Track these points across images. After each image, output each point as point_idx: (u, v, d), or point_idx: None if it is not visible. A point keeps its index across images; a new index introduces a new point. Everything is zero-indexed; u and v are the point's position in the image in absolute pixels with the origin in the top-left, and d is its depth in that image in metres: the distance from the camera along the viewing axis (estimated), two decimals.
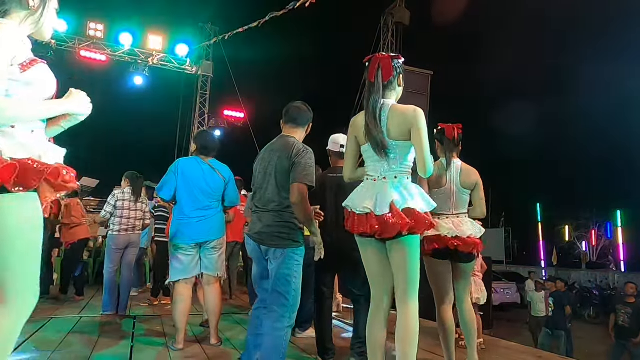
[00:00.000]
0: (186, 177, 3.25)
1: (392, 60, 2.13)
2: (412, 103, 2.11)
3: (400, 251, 2.04)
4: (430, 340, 3.38)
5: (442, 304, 2.74)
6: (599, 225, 30.76)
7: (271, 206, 2.37)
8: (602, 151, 31.74)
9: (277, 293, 2.31)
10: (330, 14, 31.79)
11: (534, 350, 4.10)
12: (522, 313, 7.53)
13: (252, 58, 16.96)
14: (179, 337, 3.25)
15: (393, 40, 12.89)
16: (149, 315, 4.70)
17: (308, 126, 2.59)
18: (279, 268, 2.31)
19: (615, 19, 32.17)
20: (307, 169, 2.32)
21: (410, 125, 2.02)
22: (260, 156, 2.55)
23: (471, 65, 37.95)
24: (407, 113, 2.05)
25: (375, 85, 2.10)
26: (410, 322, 1.98)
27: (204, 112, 13.83)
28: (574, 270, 23.66)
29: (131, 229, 4.68)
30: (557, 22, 40.55)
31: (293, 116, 2.53)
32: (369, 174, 2.12)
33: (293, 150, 2.36)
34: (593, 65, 33.34)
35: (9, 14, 1.46)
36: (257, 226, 2.42)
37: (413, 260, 2.04)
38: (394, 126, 2.04)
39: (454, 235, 2.65)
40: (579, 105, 32.88)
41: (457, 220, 2.73)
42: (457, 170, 2.78)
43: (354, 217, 2.08)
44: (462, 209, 2.79)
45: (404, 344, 1.97)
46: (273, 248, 2.33)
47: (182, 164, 3.34)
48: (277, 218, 2.34)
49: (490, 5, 27.40)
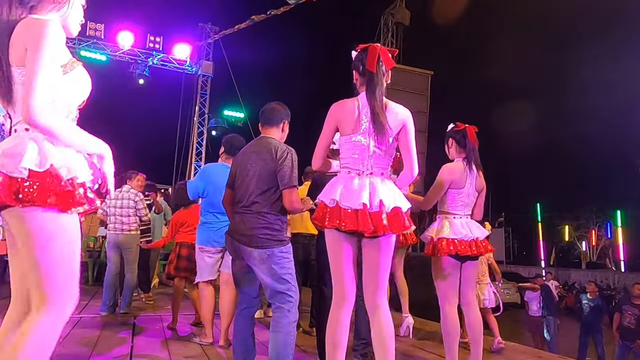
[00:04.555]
0: (214, 184, 3.32)
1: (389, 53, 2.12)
2: (412, 103, 2.13)
3: (377, 250, 2.01)
4: (435, 341, 3.38)
5: (447, 305, 2.73)
6: (599, 225, 30.75)
7: (253, 207, 2.38)
8: (602, 151, 31.77)
9: (278, 293, 2.33)
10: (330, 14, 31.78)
11: (534, 350, 4.10)
12: (522, 313, 7.55)
13: (252, 58, 16.99)
14: (208, 332, 3.43)
15: (393, 40, 12.91)
16: (149, 315, 4.70)
17: (283, 124, 2.57)
18: (272, 270, 2.31)
19: (615, 19, 32.17)
20: (293, 171, 2.36)
21: (402, 125, 2.02)
22: (241, 157, 2.54)
23: (471, 65, 37.96)
24: (400, 113, 2.04)
25: (377, 75, 2.03)
26: (386, 327, 1.97)
27: (204, 112, 13.83)
28: (574, 270, 23.67)
29: (119, 229, 4.57)
30: (558, 21, 40.56)
31: (267, 116, 2.56)
32: (350, 167, 2.02)
33: (277, 153, 2.36)
34: (593, 65, 33.32)
35: (35, 9, 1.42)
36: (239, 227, 2.40)
37: (388, 260, 2.04)
38: (389, 122, 2.00)
39: (470, 239, 2.67)
40: (579, 105, 32.89)
41: (469, 222, 2.76)
42: (475, 173, 2.80)
43: (339, 212, 1.94)
44: (469, 211, 2.83)
45: (383, 352, 1.95)
46: (259, 249, 2.32)
47: (210, 170, 3.49)
48: (262, 220, 2.35)
49: (490, 5, 27.41)
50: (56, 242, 1.34)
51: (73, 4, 1.51)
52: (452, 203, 2.78)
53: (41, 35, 1.29)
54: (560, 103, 36.91)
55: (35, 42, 1.29)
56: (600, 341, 6.41)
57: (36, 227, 1.31)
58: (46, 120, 1.27)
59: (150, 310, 5.06)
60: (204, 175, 3.47)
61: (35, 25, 1.32)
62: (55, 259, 1.34)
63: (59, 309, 1.35)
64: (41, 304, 1.33)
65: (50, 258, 1.34)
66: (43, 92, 1.27)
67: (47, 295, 1.33)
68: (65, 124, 1.37)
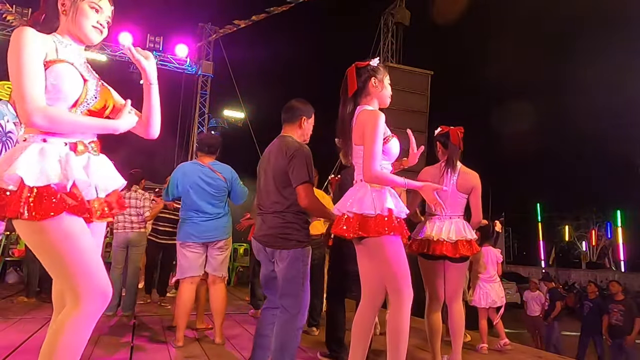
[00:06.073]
0: (188, 183, 3.34)
1: (356, 70, 2.14)
2: (412, 103, 2.17)
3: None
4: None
5: (430, 304, 2.86)
6: (599, 225, 30.76)
7: (274, 207, 2.37)
8: (602, 151, 31.77)
9: (286, 295, 2.30)
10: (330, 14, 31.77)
11: (534, 350, 4.11)
12: (522, 313, 7.56)
13: (252, 58, 16.98)
14: (179, 335, 3.29)
15: (393, 40, 12.89)
16: (149, 315, 4.70)
17: (301, 120, 2.51)
18: (287, 270, 2.30)
19: (615, 19, 32.16)
20: (305, 167, 2.32)
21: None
22: (262, 158, 2.58)
23: (471, 65, 37.95)
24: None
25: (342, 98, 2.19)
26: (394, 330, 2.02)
27: (204, 112, 13.83)
28: (574, 270, 23.67)
29: (129, 227, 4.60)
30: (558, 21, 40.53)
31: (286, 115, 2.56)
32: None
33: (288, 150, 2.36)
34: (593, 65, 33.32)
35: (47, 20, 1.50)
36: (262, 228, 2.42)
37: None
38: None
39: (437, 239, 2.73)
40: (579, 105, 32.88)
41: (447, 223, 2.77)
42: (455, 173, 2.81)
43: (400, 222, 2.09)
44: (458, 211, 2.82)
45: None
46: (279, 250, 2.32)
47: (184, 169, 3.47)
48: (280, 219, 2.34)
49: (490, 5, 27.40)
50: (44, 248, 1.39)
51: (77, 10, 1.51)
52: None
53: (15, 46, 1.36)
54: (560, 103, 36.94)
55: (12, 52, 1.37)
56: (600, 341, 6.41)
57: (25, 237, 1.41)
58: (42, 119, 1.35)
59: (150, 311, 5.06)
60: (177, 175, 3.43)
61: (12, 37, 1.39)
62: (52, 262, 1.41)
63: (85, 306, 1.38)
64: (68, 305, 1.41)
65: (48, 263, 1.42)
66: (31, 95, 1.34)
67: (75, 294, 1.39)
68: (62, 114, 1.42)
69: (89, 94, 1.50)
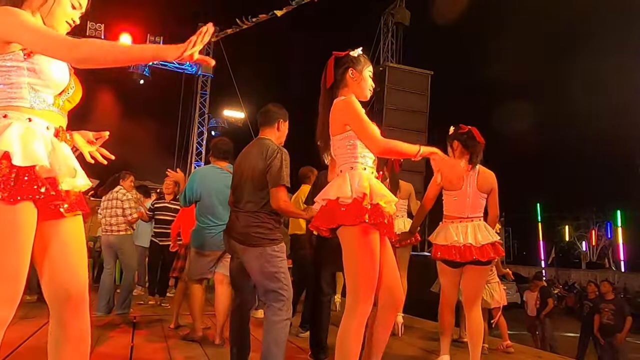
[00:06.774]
0: (206, 187, 3.34)
1: (335, 61, 2.04)
2: (412, 103, 2.13)
3: None
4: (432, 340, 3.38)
5: (441, 304, 2.84)
6: (599, 225, 30.76)
7: (248, 206, 2.43)
8: (602, 151, 31.78)
9: (270, 292, 2.36)
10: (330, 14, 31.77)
11: (534, 350, 4.10)
12: (522, 313, 7.55)
13: (252, 58, 16.97)
14: (197, 326, 3.49)
15: (393, 40, 12.90)
16: (149, 315, 4.70)
17: (278, 123, 2.61)
18: (263, 268, 2.35)
19: (615, 19, 32.17)
20: (282, 170, 2.39)
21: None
22: (240, 157, 2.62)
23: (471, 65, 37.96)
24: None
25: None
26: (339, 337, 1.80)
27: (204, 112, 13.84)
28: (574, 270, 23.66)
29: (109, 231, 4.48)
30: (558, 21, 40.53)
31: (263, 118, 2.64)
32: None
33: (267, 152, 2.43)
34: (593, 64, 33.33)
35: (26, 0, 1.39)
36: (235, 226, 2.46)
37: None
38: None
39: (464, 244, 2.65)
40: (579, 105, 32.89)
41: (471, 226, 2.70)
42: (475, 173, 2.77)
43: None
44: (478, 212, 2.77)
45: None
46: (251, 247, 2.38)
47: (202, 173, 3.51)
48: (254, 219, 2.40)
49: (490, 5, 27.41)
50: None
51: (59, 2, 1.46)
52: (449, 206, 2.82)
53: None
54: (560, 103, 36.95)
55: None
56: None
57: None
58: (78, 53, 1.26)
59: (150, 311, 5.05)
60: (195, 179, 3.43)
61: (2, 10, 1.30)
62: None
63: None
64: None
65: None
66: (56, 45, 1.26)
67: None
68: (97, 44, 1.32)
69: (70, 84, 1.47)
